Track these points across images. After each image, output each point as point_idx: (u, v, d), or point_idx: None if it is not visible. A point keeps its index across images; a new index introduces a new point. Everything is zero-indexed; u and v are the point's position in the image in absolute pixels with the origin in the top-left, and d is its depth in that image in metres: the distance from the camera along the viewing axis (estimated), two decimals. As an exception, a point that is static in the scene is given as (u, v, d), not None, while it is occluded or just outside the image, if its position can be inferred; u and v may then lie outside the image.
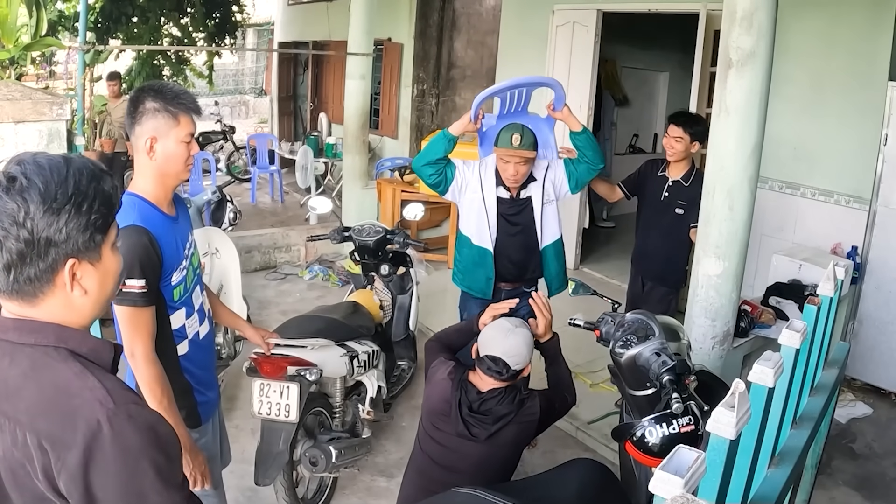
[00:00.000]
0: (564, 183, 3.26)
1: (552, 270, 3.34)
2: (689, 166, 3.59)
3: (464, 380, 2.34)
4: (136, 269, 1.78)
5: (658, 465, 1.04)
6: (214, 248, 3.72)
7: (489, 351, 2.30)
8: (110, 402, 1.02)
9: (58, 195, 1.03)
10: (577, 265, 6.27)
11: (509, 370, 2.27)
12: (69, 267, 1.06)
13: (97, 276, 1.11)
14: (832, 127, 4.38)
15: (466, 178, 3.22)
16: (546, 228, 3.26)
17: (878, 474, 3.46)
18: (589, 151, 3.21)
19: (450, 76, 8.18)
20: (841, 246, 4.37)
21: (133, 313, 1.80)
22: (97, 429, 0.99)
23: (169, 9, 9.96)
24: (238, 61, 19.61)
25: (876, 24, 4.09)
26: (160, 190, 1.90)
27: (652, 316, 2.27)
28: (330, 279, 5.90)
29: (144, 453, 1.02)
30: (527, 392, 2.37)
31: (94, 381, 1.04)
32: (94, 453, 0.99)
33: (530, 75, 3.45)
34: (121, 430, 1.01)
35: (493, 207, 3.21)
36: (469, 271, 3.34)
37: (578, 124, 3.22)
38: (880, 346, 4.23)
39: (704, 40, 5.14)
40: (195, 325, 2.02)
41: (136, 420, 1.03)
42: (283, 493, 2.77)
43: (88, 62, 6.70)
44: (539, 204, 3.23)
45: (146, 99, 1.85)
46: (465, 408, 2.28)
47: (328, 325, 3.00)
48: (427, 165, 3.18)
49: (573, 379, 2.61)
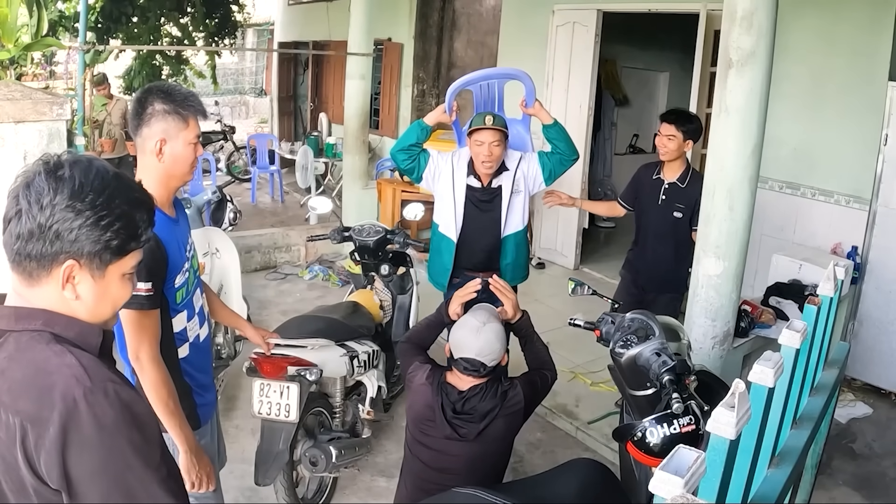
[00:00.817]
0: (538, 174, 3.30)
1: (509, 259, 3.36)
2: (685, 167, 3.51)
3: (443, 382, 2.31)
4: (142, 272, 1.74)
5: (659, 465, 1.04)
6: (214, 248, 3.72)
7: (462, 353, 2.28)
8: (87, 379, 1.03)
9: (86, 199, 1.07)
10: (577, 265, 6.27)
11: (486, 367, 2.27)
12: (67, 266, 1.08)
13: (95, 290, 1.13)
14: (832, 127, 4.38)
15: (440, 166, 3.29)
16: (510, 218, 3.29)
17: (878, 474, 3.46)
18: (561, 143, 3.27)
19: (450, 76, 8.18)
20: (841, 246, 4.37)
21: (139, 316, 1.80)
22: (73, 406, 1.00)
23: (169, 9, 9.96)
24: (238, 61, 19.61)
25: (876, 24, 4.09)
26: (164, 191, 1.90)
27: (652, 316, 2.27)
28: (330, 279, 5.90)
29: (121, 431, 1.03)
30: (508, 382, 2.36)
31: (72, 359, 1.05)
32: (70, 431, 1.00)
33: (498, 68, 3.60)
34: (97, 408, 1.01)
35: (462, 195, 3.28)
36: (432, 260, 3.45)
37: (550, 117, 3.30)
38: (880, 346, 4.23)
39: (704, 40, 5.14)
40: (196, 327, 2.03)
41: (112, 398, 1.04)
42: (283, 493, 2.77)
43: (88, 62, 6.69)
44: (507, 193, 3.27)
45: (154, 100, 1.84)
46: (448, 410, 2.26)
47: (328, 325, 3.00)
48: (401, 151, 3.27)
49: (551, 355, 2.60)
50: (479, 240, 3.31)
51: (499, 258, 3.35)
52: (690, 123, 3.43)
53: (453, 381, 2.32)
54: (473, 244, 3.32)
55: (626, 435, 2.24)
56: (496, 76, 3.51)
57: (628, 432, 2.23)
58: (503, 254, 3.35)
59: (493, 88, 3.51)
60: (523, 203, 3.33)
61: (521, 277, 3.47)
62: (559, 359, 4.45)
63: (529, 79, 3.38)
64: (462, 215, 3.29)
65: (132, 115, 1.89)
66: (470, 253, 3.33)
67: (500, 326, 2.34)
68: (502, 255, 3.35)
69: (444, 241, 3.35)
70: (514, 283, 3.40)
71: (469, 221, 3.30)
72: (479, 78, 3.50)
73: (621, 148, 8.14)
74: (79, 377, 1.03)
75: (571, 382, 4.14)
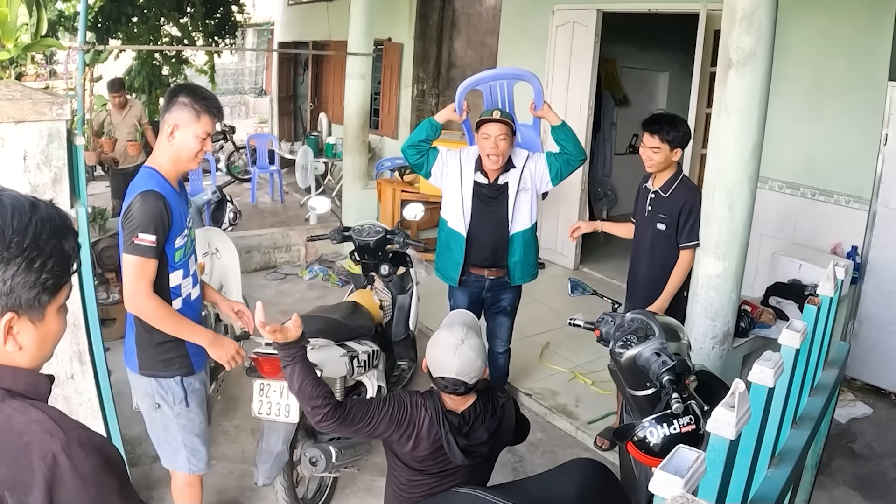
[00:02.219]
0: (545, 174, 3.32)
1: (517, 257, 3.38)
2: (673, 173, 3.16)
3: (440, 411, 2.16)
4: (150, 227, 2.09)
5: (659, 465, 1.04)
6: (214, 248, 3.72)
7: (442, 373, 2.16)
8: (59, 432, 0.98)
9: (12, 244, 0.97)
10: (577, 265, 6.27)
11: (468, 385, 2.16)
12: (6, 320, 1.00)
13: (36, 336, 1.05)
14: (832, 127, 4.38)
15: (448, 162, 3.35)
16: (517, 215, 3.32)
17: (878, 474, 3.46)
18: (569, 144, 3.30)
19: (450, 76, 8.18)
20: (841, 246, 4.37)
21: (140, 262, 2.10)
22: (53, 464, 0.95)
23: (169, 9, 9.94)
24: (238, 61, 19.59)
25: (876, 24, 4.09)
26: (172, 169, 2.23)
27: (652, 316, 2.27)
28: (330, 279, 5.90)
29: (102, 478, 0.99)
30: (504, 397, 2.36)
31: (38, 414, 0.99)
32: (56, 489, 0.95)
33: (508, 68, 3.68)
34: (76, 459, 0.97)
35: (470, 191, 3.32)
36: (441, 255, 3.47)
37: (557, 119, 3.34)
38: (880, 346, 4.23)
39: (704, 40, 5.14)
40: (189, 286, 2.32)
41: (87, 446, 1.00)
42: (283, 493, 2.77)
43: (88, 62, 6.69)
44: (514, 191, 3.30)
45: (181, 94, 2.20)
46: (460, 439, 2.15)
47: (328, 325, 3.00)
48: (410, 147, 3.35)
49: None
50: (486, 235, 3.34)
51: (506, 255, 3.37)
52: (676, 131, 3.05)
53: (450, 405, 2.20)
54: (482, 239, 3.35)
55: (627, 435, 2.24)
56: (505, 76, 3.57)
57: (628, 432, 2.23)
58: (511, 251, 3.36)
59: (503, 90, 3.56)
60: (531, 201, 3.35)
61: (531, 276, 3.48)
62: (559, 359, 4.50)
63: (538, 80, 3.43)
64: (470, 210, 3.32)
65: (164, 103, 2.24)
66: (479, 248, 3.36)
67: (478, 341, 2.20)
68: (510, 253, 3.36)
69: (454, 236, 3.37)
70: (522, 281, 3.45)
71: (477, 217, 3.33)
72: (489, 78, 3.56)
73: (621, 148, 8.13)
74: (52, 431, 0.97)
75: (571, 382, 4.14)
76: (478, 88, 3.59)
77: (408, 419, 2.16)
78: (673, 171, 3.17)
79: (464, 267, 3.39)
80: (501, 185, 3.32)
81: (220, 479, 3.13)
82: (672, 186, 3.15)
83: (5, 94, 2.29)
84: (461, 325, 2.23)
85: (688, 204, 3.12)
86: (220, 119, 2.26)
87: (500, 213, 3.32)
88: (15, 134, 2.20)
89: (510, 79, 3.56)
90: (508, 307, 3.54)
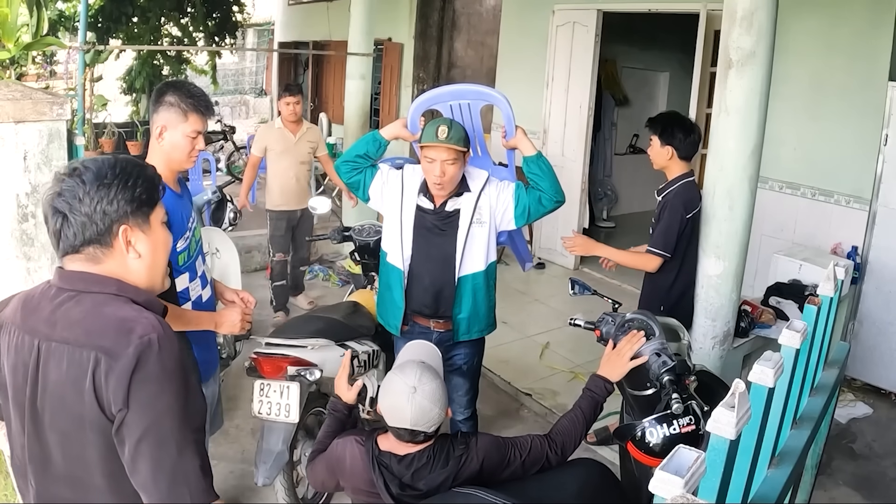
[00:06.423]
0: (510, 208, 2.64)
1: (464, 310, 2.69)
2: (674, 176, 3.06)
3: (376, 453, 1.95)
4: None
5: (659, 465, 1.04)
6: (214, 248, 3.72)
7: (395, 423, 1.92)
8: (161, 329, 1.23)
9: (108, 174, 1.28)
10: (577, 265, 6.27)
11: (426, 434, 1.93)
12: (122, 232, 1.28)
13: (149, 243, 1.33)
14: (832, 127, 4.38)
15: (389, 181, 2.70)
16: (468, 253, 2.64)
17: (878, 474, 3.46)
18: (544, 182, 2.61)
19: (450, 76, 8.19)
20: (841, 246, 4.37)
21: None
22: (147, 344, 1.20)
23: (169, 9, 9.96)
24: (238, 61, 19.59)
25: (876, 25, 4.09)
26: (166, 171, 2.11)
27: (652, 316, 2.27)
28: (330, 279, 5.90)
29: (175, 379, 1.22)
30: (462, 444, 1.98)
31: (151, 315, 1.26)
32: (141, 363, 1.18)
33: (472, 85, 2.90)
34: (165, 353, 1.21)
35: (410, 218, 2.66)
36: (382, 296, 2.83)
37: (532, 148, 2.66)
38: (880, 346, 4.23)
39: (704, 40, 5.15)
40: (198, 288, 2.25)
41: (177, 354, 1.24)
42: (283, 493, 2.77)
43: (89, 62, 6.70)
44: (466, 222, 2.62)
45: (167, 92, 2.11)
46: (394, 487, 1.91)
47: (328, 325, 3.00)
48: (346, 162, 2.72)
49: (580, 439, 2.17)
50: (428, 274, 2.67)
51: (451, 305, 2.69)
52: (667, 125, 3.01)
53: (390, 448, 1.96)
54: (423, 279, 2.68)
55: (627, 435, 2.25)
56: (469, 96, 2.83)
57: (629, 432, 2.23)
58: (456, 300, 2.67)
59: (465, 112, 2.84)
60: (487, 238, 2.65)
61: (485, 329, 2.80)
62: (559, 359, 4.49)
63: (507, 103, 2.74)
64: (411, 242, 2.66)
65: (151, 103, 2.15)
66: (420, 291, 2.69)
67: (435, 385, 1.92)
68: (455, 302, 2.67)
69: (393, 273, 2.71)
70: (470, 336, 2.75)
71: (418, 250, 2.66)
72: (447, 96, 2.85)
73: (621, 148, 8.14)
74: (155, 325, 1.23)
75: (571, 382, 4.14)
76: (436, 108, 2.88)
77: (339, 464, 2.04)
78: (674, 174, 3.06)
79: (405, 313, 2.73)
80: (451, 213, 2.63)
81: (220, 479, 3.13)
82: (666, 190, 3.08)
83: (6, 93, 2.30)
84: (415, 366, 1.96)
85: (666, 209, 3.01)
86: (210, 115, 2.17)
87: (446, 248, 2.63)
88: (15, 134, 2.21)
89: (475, 99, 2.83)
90: (465, 366, 2.83)
